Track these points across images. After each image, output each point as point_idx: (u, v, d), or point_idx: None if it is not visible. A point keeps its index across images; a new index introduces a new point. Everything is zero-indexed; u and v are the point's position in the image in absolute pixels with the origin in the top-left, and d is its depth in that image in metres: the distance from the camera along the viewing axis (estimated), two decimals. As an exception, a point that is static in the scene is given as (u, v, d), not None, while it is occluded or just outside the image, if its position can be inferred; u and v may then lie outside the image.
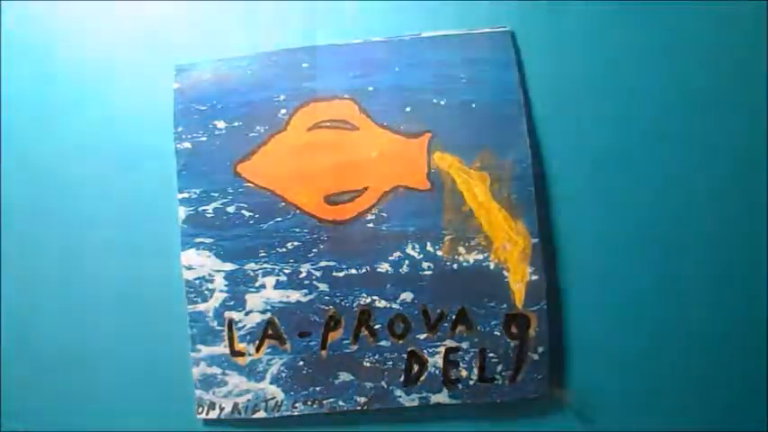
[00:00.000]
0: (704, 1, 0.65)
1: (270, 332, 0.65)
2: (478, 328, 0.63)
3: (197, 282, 0.66)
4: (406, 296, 0.64)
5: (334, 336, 0.65)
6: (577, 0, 0.66)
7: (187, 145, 0.66)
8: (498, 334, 0.63)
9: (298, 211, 0.65)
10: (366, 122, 0.66)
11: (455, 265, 0.64)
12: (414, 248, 0.64)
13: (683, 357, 0.64)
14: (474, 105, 0.65)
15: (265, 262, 0.65)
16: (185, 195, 0.66)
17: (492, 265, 0.64)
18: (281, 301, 0.65)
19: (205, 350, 0.66)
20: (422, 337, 0.64)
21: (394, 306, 0.64)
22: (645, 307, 0.64)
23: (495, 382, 0.63)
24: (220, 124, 0.66)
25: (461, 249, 0.64)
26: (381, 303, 0.64)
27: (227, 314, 0.65)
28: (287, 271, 0.65)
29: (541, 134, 0.65)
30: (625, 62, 0.66)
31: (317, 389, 0.65)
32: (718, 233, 0.64)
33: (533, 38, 0.66)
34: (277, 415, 0.65)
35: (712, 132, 0.65)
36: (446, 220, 0.64)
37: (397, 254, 0.64)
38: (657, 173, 0.65)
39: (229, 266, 0.65)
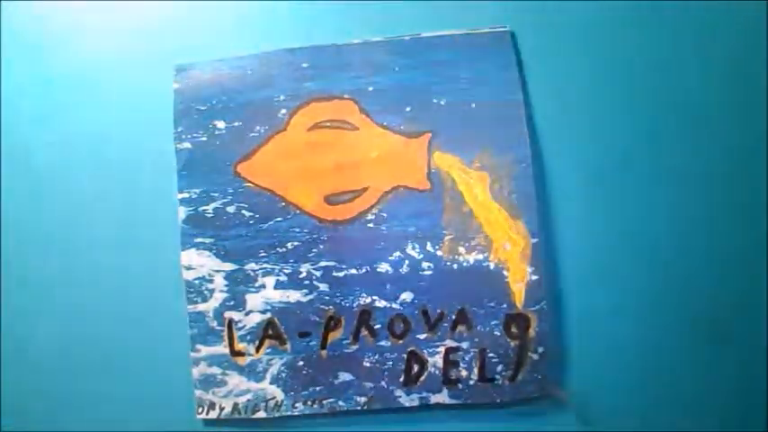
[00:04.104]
0: (705, 0, 0.65)
1: (270, 332, 0.65)
2: (478, 328, 0.63)
3: (197, 282, 0.66)
4: (406, 296, 0.64)
5: (334, 336, 0.65)
6: (577, 0, 0.66)
7: (187, 145, 0.66)
8: (498, 334, 0.63)
9: (298, 211, 0.65)
10: (366, 122, 0.66)
11: (455, 265, 0.64)
12: (414, 248, 0.64)
13: (683, 357, 0.64)
14: (474, 105, 0.65)
15: (265, 262, 0.65)
16: (185, 195, 0.66)
17: (492, 265, 0.63)
18: (281, 301, 0.65)
19: (205, 350, 0.66)
20: (422, 337, 0.64)
21: (394, 306, 0.64)
22: (645, 307, 0.64)
23: (495, 382, 0.63)
24: (220, 124, 0.66)
25: (461, 249, 0.64)
26: (381, 303, 0.64)
27: (227, 314, 0.65)
28: (287, 271, 0.65)
29: (541, 134, 0.65)
30: (625, 62, 0.66)
31: (317, 389, 0.65)
32: (719, 233, 0.64)
33: (533, 38, 0.66)
34: (277, 415, 0.65)
35: (713, 133, 0.65)
36: (446, 220, 0.64)
37: (397, 254, 0.64)
38: (658, 173, 0.65)
39: (229, 266, 0.65)
